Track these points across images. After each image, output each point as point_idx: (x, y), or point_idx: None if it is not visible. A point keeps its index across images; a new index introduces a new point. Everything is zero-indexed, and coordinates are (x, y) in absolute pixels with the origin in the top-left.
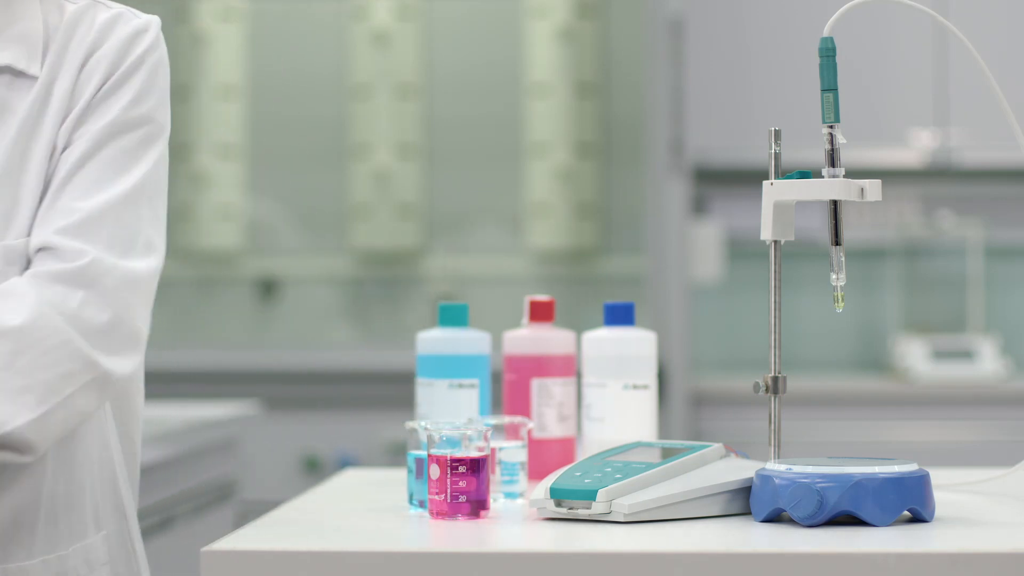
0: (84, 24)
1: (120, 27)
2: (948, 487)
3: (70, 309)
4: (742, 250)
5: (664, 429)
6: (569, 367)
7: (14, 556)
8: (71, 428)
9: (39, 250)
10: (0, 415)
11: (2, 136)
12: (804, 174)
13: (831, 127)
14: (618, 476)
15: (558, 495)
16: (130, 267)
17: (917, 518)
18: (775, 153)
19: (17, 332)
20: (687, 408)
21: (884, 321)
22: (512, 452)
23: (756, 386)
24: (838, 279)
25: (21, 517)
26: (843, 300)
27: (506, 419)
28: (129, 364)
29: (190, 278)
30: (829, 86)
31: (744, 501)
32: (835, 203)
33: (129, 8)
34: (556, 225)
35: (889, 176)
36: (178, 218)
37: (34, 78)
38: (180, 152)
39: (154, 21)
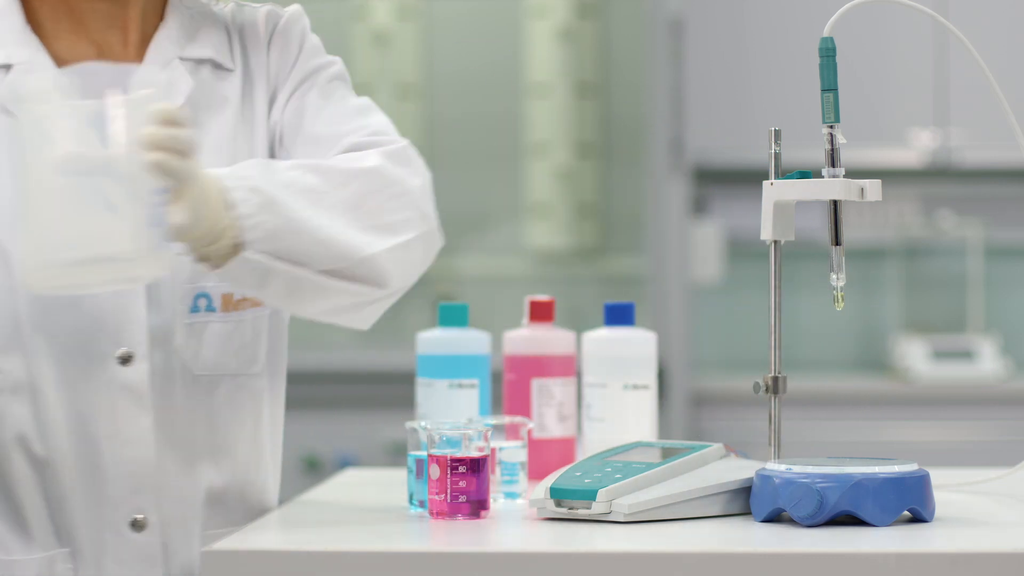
0: (252, 20)
1: (279, 16)
2: (948, 487)
3: (402, 172)
4: (742, 250)
5: (664, 429)
6: (569, 367)
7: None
8: (409, 277)
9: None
10: (358, 242)
11: (224, 123)
12: (804, 174)
13: (831, 127)
14: (618, 476)
15: (558, 495)
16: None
17: (917, 518)
18: (775, 153)
19: (369, 173)
20: (687, 408)
21: (884, 321)
22: (512, 452)
23: (756, 386)
24: (838, 279)
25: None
26: (843, 300)
27: (506, 419)
28: (437, 230)
29: None
30: (829, 86)
31: (744, 501)
32: (835, 203)
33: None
34: (556, 225)
35: (889, 176)
36: None
37: (231, 70)
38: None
39: (297, 8)
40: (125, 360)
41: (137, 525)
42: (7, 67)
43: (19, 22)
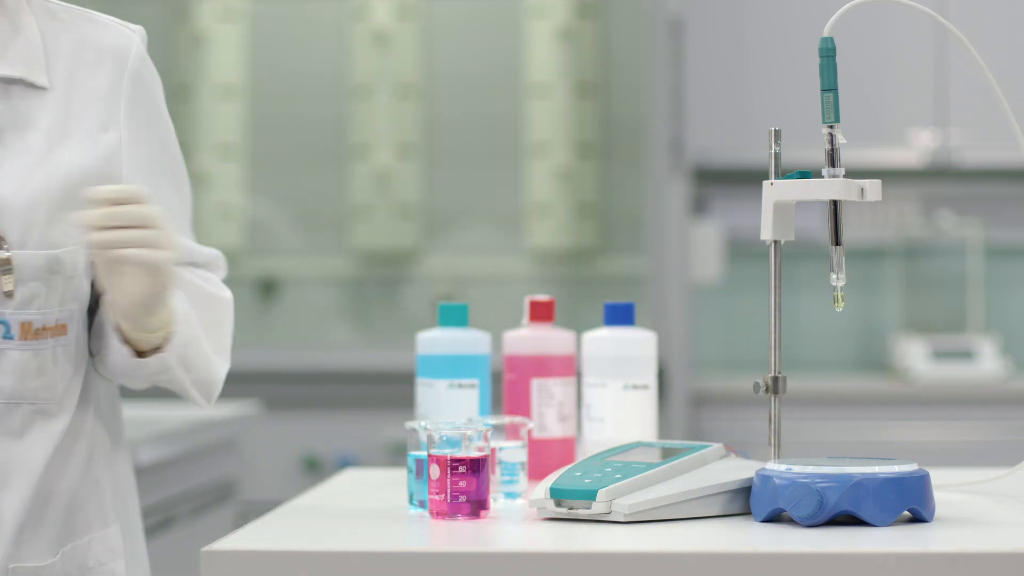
0: (81, 36)
1: (114, 38)
2: (948, 487)
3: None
4: (742, 250)
5: (664, 429)
6: (569, 367)
7: (31, 552)
8: None
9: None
10: (217, 363)
11: (28, 148)
12: (804, 174)
13: (831, 127)
14: (618, 476)
15: (558, 495)
16: None
17: (917, 518)
18: (775, 153)
19: (223, 303)
20: (687, 408)
21: (884, 321)
22: (512, 452)
23: (756, 386)
24: (838, 279)
25: (39, 511)
26: (843, 300)
27: (506, 419)
28: None
29: None
30: (829, 86)
31: (744, 501)
32: (835, 203)
33: (116, 20)
34: (556, 225)
35: (889, 176)
36: None
37: (44, 88)
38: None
39: (140, 33)
40: None
41: None
42: None
43: None
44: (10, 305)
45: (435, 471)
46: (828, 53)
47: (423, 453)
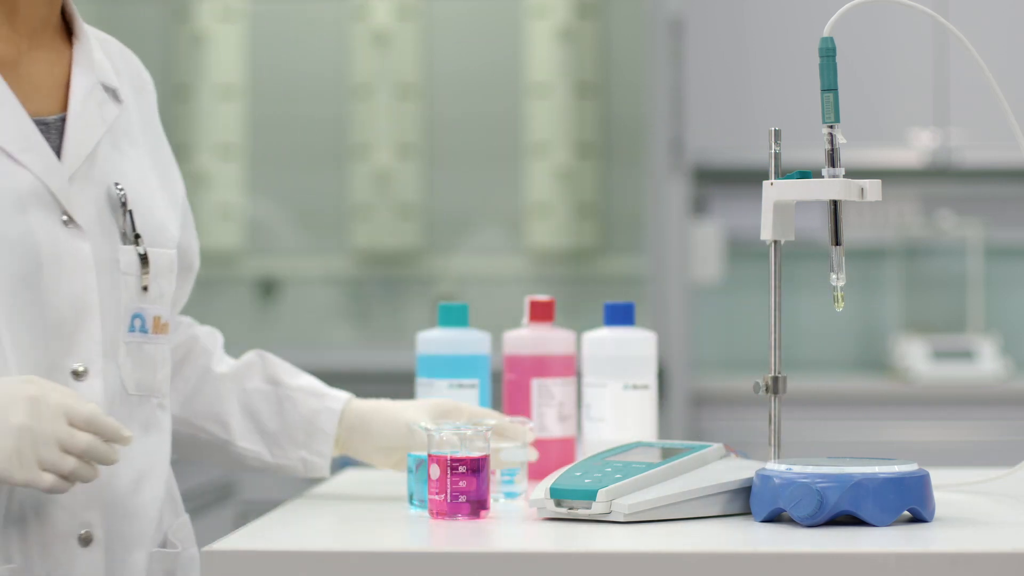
0: (124, 59)
1: (138, 64)
2: (948, 487)
3: None
4: (742, 250)
5: (664, 429)
6: (569, 367)
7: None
8: None
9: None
10: None
11: (140, 152)
12: (804, 174)
13: (831, 127)
14: (618, 476)
15: (558, 495)
16: None
17: (917, 518)
18: (775, 153)
19: None
20: (687, 408)
21: (884, 321)
22: (512, 452)
23: (756, 386)
24: (838, 279)
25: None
26: (843, 300)
27: (508, 419)
28: None
29: None
30: (829, 86)
31: (744, 501)
32: (835, 203)
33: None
34: (556, 225)
35: (889, 176)
36: None
37: (123, 103)
38: (180, 152)
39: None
40: (79, 375)
41: (84, 540)
42: None
43: None
44: (146, 300)
45: (435, 471)
46: (828, 53)
47: (423, 453)
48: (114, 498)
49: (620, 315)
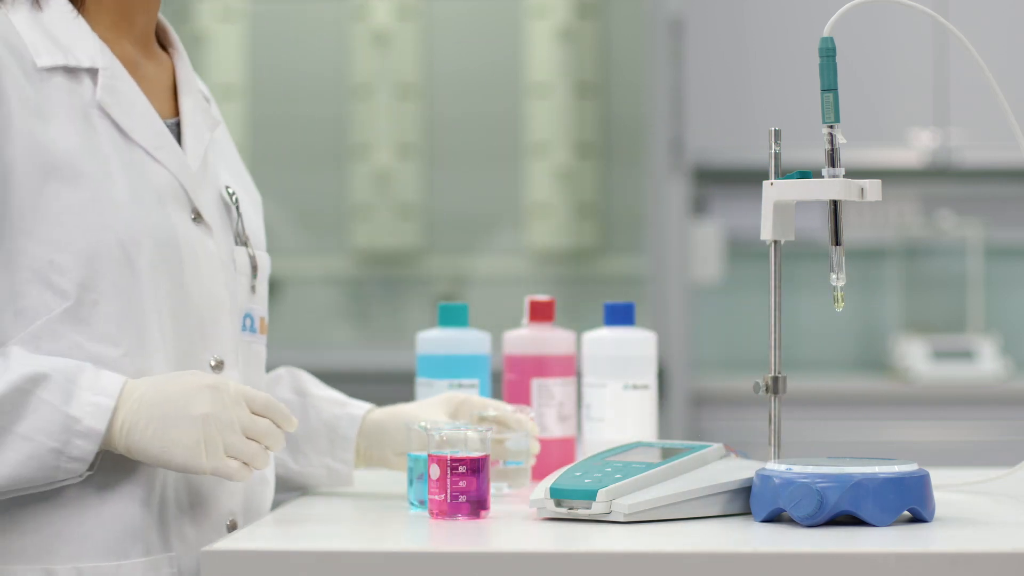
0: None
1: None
2: (948, 487)
3: None
4: (742, 250)
5: (664, 429)
6: (569, 367)
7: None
8: None
9: None
10: None
11: (236, 159)
12: (804, 174)
13: (831, 127)
14: (618, 476)
15: (558, 495)
16: None
17: (917, 518)
18: (775, 153)
19: None
20: (687, 408)
21: (884, 321)
22: (517, 441)
23: (756, 386)
24: (838, 279)
25: None
26: (843, 300)
27: (510, 408)
28: None
29: None
30: (829, 86)
31: (744, 501)
32: (835, 203)
33: None
34: (556, 225)
35: (889, 176)
36: None
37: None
38: None
39: None
40: (217, 367)
41: (230, 529)
42: (92, 71)
43: (82, 23)
44: (254, 300)
45: (435, 471)
46: (828, 53)
47: (423, 453)
48: (250, 487)
49: (620, 315)
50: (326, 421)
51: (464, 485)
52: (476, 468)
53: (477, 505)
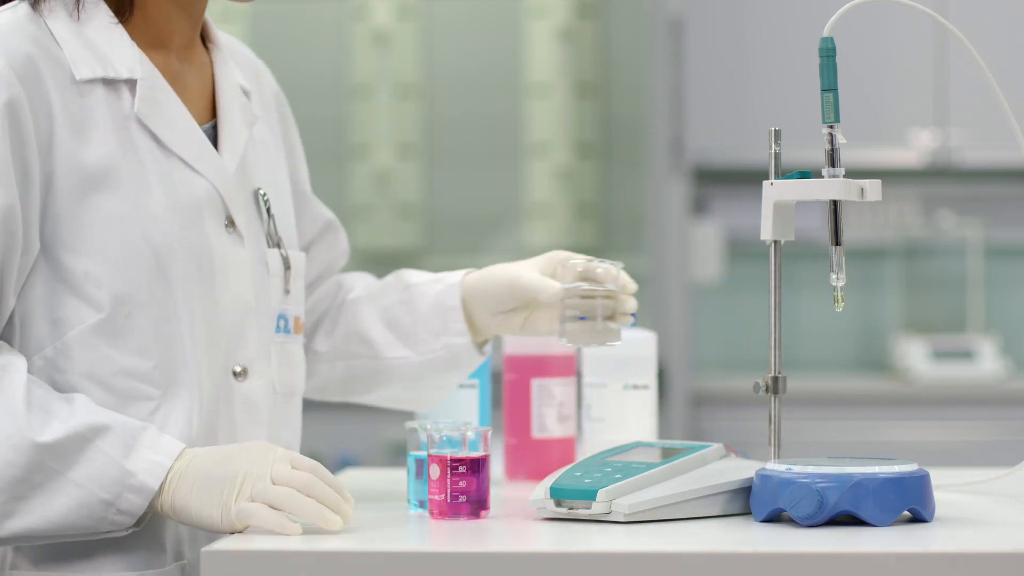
0: (250, 59)
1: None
2: (948, 487)
3: None
4: (742, 250)
5: (664, 429)
6: (569, 367)
7: None
8: None
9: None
10: None
11: (274, 158)
12: (804, 174)
13: (831, 127)
14: (618, 476)
15: (558, 495)
16: None
17: (917, 518)
18: (775, 153)
19: None
20: (687, 408)
21: (884, 321)
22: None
23: (756, 386)
24: (838, 279)
25: None
26: (843, 300)
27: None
28: None
29: None
30: (829, 86)
31: (744, 501)
32: (835, 203)
33: None
34: (556, 225)
35: (889, 176)
36: None
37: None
38: None
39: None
40: (238, 375)
41: None
42: (131, 82)
43: (122, 31)
44: (287, 301)
45: (435, 471)
46: (828, 53)
47: (423, 453)
48: None
49: None
50: (430, 302)
51: (464, 485)
52: (476, 468)
53: (477, 505)
